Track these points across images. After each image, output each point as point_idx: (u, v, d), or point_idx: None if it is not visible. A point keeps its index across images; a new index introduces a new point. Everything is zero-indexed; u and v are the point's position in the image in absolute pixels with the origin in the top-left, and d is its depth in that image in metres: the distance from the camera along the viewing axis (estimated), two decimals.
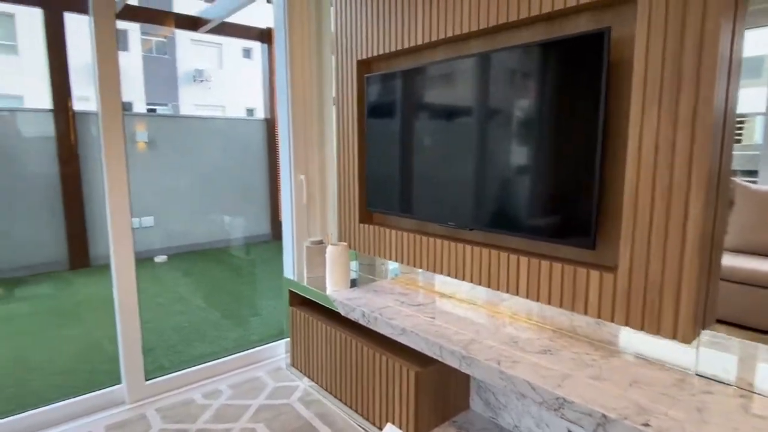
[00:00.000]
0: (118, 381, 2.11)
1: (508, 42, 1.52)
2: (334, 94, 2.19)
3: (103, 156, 1.94)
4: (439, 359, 1.50)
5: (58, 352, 3.01)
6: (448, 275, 1.74)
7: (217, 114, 13.44)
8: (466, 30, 1.57)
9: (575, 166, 1.33)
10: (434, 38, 1.68)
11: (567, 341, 1.49)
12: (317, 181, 2.56)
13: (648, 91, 1.17)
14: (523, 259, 1.49)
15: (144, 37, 12.00)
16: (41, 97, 4.69)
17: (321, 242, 2.36)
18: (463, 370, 1.43)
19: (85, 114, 4.76)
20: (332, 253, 2.07)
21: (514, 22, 1.45)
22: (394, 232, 1.96)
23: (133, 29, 11.58)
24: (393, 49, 1.85)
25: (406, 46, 1.79)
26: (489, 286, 1.60)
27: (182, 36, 12.64)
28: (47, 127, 4.67)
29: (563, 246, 1.45)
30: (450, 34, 1.62)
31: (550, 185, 1.41)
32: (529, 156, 1.45)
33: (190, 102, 13.04)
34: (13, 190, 4.51)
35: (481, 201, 1.60)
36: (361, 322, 1.82)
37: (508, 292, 1.54)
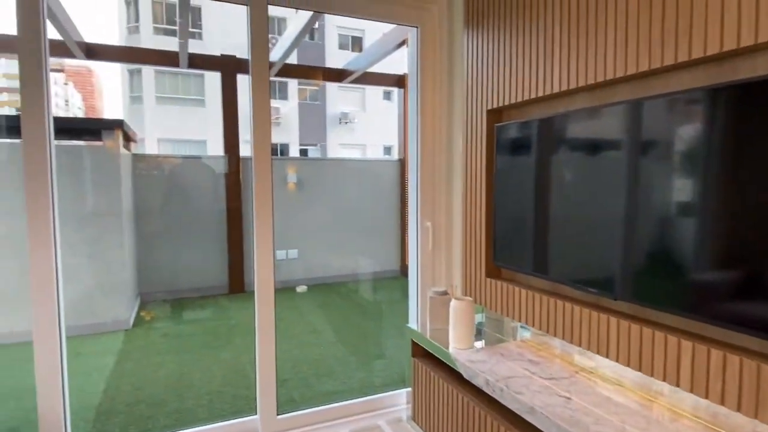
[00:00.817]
0: (253, 409, 2.26)
1: (664, 88, 1.32)
2: (461, 143, 2.15)
3: (253, 195, 2.15)
4: None
5: (210, 372, 3.39)
6: (587, 349, 1.53)
7: (358, 153, 14.48)
8: (611, 76, 1.41)
9: (755, 233, 1.07)
10: (573, 86, 1.54)
11: None
12: (443, 229, 2.51)
13: None
14: (686, 343, 1.23)
15: (300, 87, 13.59)
16: (220, 142, 5.56)
17: (445, 293, 2.29)
18: None
19: (248, 158, 5.48)
20: (456, 308, 1.98)
21: (670, 66, 1.25)
22: (524, 291, 1.80)
23: (292, 82, 13.20)
24: (526, 97, 1.75)
25: (540, 94, 1.68)
26: (640, 370, 1.35)
27: (331, 83, 14.01)
28: (221, 169, 5.48)
29: (742, 333, 1.16)
30: (592, 81, 1.47)
31: (720, 254, 1.15)
32: (692, 219, 1.21)
33: (336, 141, 14.28)
34: (191, 222, 5.35)
35: (630, 267, 1.38)
36: (485, 390, 1.69)
37: (665, 381, 1.28)
